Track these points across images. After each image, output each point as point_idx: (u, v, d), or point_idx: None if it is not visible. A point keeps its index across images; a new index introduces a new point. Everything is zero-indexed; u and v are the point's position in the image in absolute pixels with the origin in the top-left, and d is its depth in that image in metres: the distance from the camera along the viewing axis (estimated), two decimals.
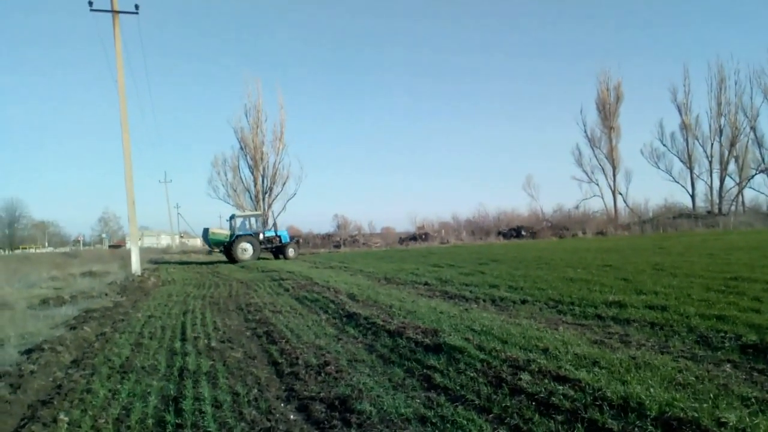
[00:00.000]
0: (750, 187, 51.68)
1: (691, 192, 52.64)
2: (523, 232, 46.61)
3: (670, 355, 5.09)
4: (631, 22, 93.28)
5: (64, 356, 6.46)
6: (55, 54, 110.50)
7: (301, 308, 9.78)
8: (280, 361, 5.88)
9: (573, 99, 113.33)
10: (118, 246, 69.88)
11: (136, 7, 19.77)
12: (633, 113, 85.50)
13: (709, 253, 16.49)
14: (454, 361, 5.19)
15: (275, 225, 32.97)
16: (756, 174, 50.63)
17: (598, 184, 53.86)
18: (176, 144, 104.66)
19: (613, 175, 53.08)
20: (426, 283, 12.49)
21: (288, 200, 45.74)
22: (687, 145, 52.26)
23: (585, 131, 54.41)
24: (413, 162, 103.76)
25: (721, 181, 50.99)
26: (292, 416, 4.16)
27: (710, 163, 51.40)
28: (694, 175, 52.25)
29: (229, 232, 28.91)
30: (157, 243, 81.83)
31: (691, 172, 52.26)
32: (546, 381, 4.27)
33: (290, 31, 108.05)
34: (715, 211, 49.32)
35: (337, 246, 43.46)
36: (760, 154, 50.09)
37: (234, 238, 27.83)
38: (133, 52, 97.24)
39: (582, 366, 4.62)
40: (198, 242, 62.47)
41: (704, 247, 19.93)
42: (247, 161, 45.83)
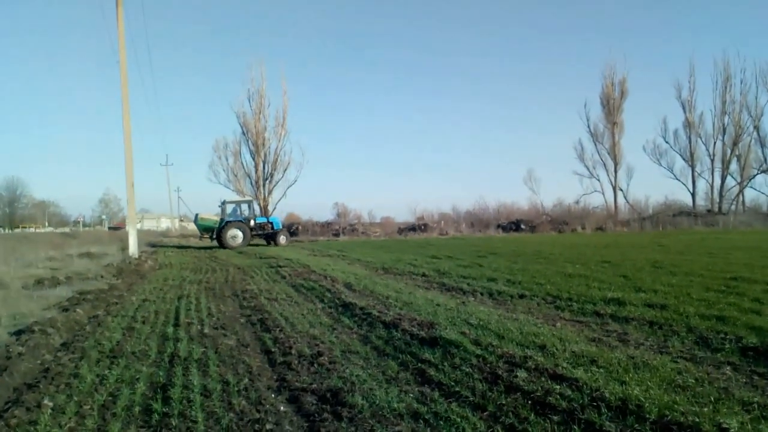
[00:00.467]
0: (751, 187, 51.49)
1: (691, 190, 52.40)
2: (523, 226, 46.48)
3: (669, 356, 5.00)
4: (639, 14, 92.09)
5: (54, 339, 6.38)
6: (59, 32, 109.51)
7: (297, 296, 9.69)
8: (273, 349, 5.80)
9: (578, 93, 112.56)
10: (117, 228, 69.63)
11: None
12: (636, 107, 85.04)
13: (709, 252, 16.39)
14: (449, 355, 5.10)
15: (266, 211, 32.76)
16: (757, 174, 50.38)
17: (599, 180, 53.62)
18: (178, 127, 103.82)
19: (615, 171, 52.82)
20: (424, 275, 12.40)
21: (288, 187, 45.52)
22: (690, 143, 51.91)
23: (588, 126, 54.08)
24: (414, 153, 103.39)
25: (723, 180, 50.75)
26: (282, 408, 4.07)
27: (712, 161, 51.11)
28: (696, 173, 52.00)
29: (218, 218, 28.61)
30: (157, 226, 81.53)
31: (693, 170, 51.98)
32: (543, 379, 4.17)
33: (297, 19, 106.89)
34: (716, 210, 49.13)
35: (336, 234, 43.35)
36: (763, 153, 49.74)
37: (224, 224, 27.55)
38: (136, 34, 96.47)
39: (579, 364, 4.53)
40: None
41: (704, 246, 19.83)
42: (249, 146, 45.56)
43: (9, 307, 8.18)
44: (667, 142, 53.16)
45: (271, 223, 30.32)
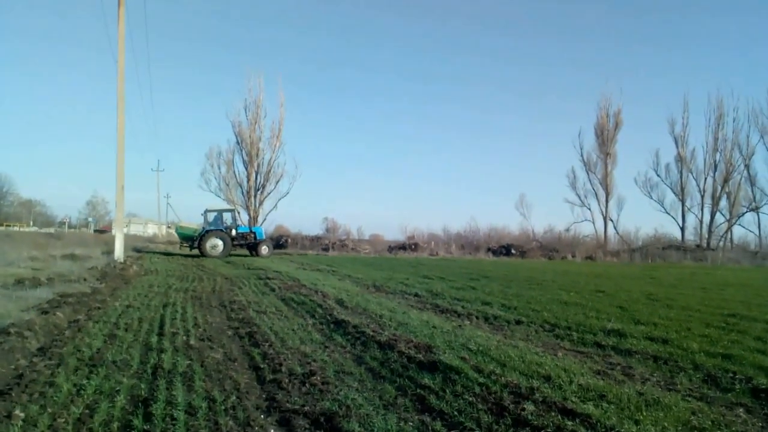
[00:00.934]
0: (739, 224, 51.95)
1: (681, 224, 52.74)
2: (513, 251, 46.35)
3: (678, 393, 4.79)
4: (635, 39, 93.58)
5: (31, 342, 6.02)
6: (59, 33, 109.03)
7: (287, 310, 9.38)
8: (263, 366, 5.50)
9: (573, 119, 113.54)
10: (103, 231, 68.51)
11: None
12: (629, 141, 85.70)
13: (702, 287, 16.30)
14: (450, 382, 4.84)
15: (255, 221, 32.42)
16: (746, 212, 50.95)
17: (590, 209, 53.75)
18: (171, 134, 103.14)
19: (606, 201, 53.00)
20: (416, 294, 12.14)
21: (280, 199, 45.02)
22: (681, 178, 52.43)
23: (581, 155, 54.37)
24: (406, 171, 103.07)
25: (712, 216, 51.17)
26: (273, 431, 3.79)
27: (702, 197, 51.53)
28: (686, 208, 52.44)
29: (198, 227, 28.11)
30: (143, 231, 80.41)
31: (683, 205, 52.37)
32: (552, 413, 3.93)
33: (293, 29, 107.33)
34: (704, 246, 49.41)
35: (326, 249, 42.93)
36: (752, 192, 50.39)
37: (204, 233, 27.13)
38: (136, 34, 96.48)
39: (588, 399, 4.30)
40: None
41: (695, 281, 19.78)
42: (243, 156, 45.15)
43: None
44: (658, 176, 53.61)
45: (254, 233, 29.91)
